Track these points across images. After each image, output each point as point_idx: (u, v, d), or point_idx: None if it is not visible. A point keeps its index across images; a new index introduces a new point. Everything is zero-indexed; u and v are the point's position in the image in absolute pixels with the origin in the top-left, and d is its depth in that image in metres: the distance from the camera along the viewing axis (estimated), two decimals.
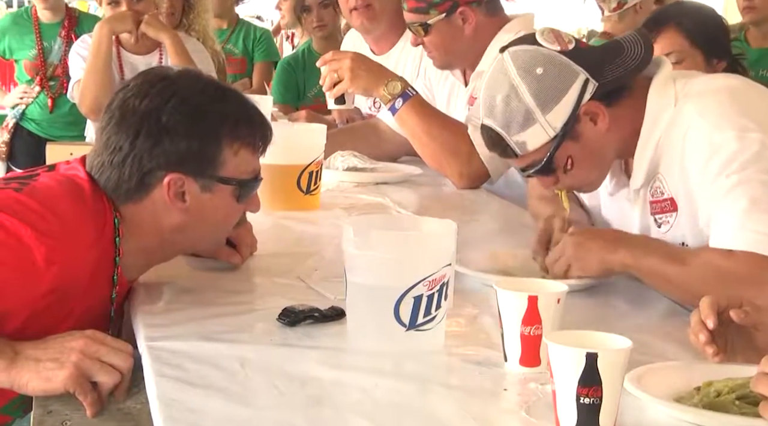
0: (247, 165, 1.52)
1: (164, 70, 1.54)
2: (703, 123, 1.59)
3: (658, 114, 1.66)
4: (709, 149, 1.57)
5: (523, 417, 1.14)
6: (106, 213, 1.44)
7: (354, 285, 1.34)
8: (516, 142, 1.65)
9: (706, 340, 1.27)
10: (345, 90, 2.43)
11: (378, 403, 1.18)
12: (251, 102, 1.57)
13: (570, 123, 1.63)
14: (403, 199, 2.29)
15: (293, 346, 1.34)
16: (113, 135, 1.46)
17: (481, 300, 1.53)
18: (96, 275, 1.43)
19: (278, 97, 4.15)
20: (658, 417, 1.15)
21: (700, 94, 1.64)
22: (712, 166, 1.56)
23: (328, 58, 2.47)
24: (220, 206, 1.51)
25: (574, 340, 1.09)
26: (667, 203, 1.67)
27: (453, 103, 2.64)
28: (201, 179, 1.47)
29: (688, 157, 1.61)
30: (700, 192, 1.59)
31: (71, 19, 4.47)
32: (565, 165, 1.66)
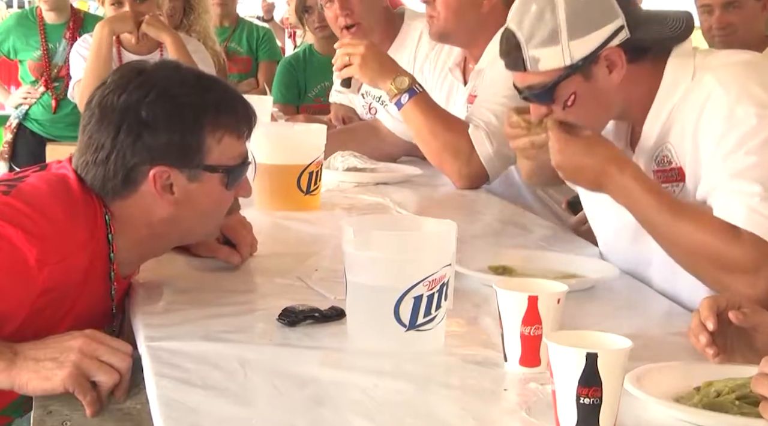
0: (232, 151, 1.50)
1: (141, 63, 1.53)
2: (725, 94, 1.58)
3: (675, 82, 1.65)
4: (728, 122, 1.56)
5: (523, 417, 1.14)
6: (96, 211, 1.44)
7: (354, 285, 1.34)
8: (531, 56, 1.64)
9: (706, 342, 1.27)
10: (352, 74, 2.44)
11: (378, 403, 1.18)
12: (231, 88, 1.56)
13: (589, 59, 1.62)
14: (403, 200, 2.29)
15: (293, 347, 1.34)
16: (94, 133, 1.45)
17: (481, 300, 1.53)
18: (91, 273, 1.43)
19: (279, 96, 4.16)
20: (658, 417, 1.15)
21: (722, 66, 1.64)
22: (729, 139, 1.54)
23: (346, 41, 2.50)
24: (210, 194, 1.50)
25: (574, 340, 1.09)
26: (675, 172, 1.65)
27: (452, 103, 2.64)
28: (187, 170, 1.46)
29: (704, 126, 1.59)
30: (709, 163, 1.57)
31: (76, 20, 4.48)
32: (566, 100, 1.64)
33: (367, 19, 2.91)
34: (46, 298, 1.36)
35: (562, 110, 1.66)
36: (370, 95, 3.18)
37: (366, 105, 3.23)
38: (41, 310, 1.37)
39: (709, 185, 1.57)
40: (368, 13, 2.91)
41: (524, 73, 1.66)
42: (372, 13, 2.92)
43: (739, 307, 1.28)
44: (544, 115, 1.68)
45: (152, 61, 1.54)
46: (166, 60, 1.61)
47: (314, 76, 4.21)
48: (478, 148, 2.37)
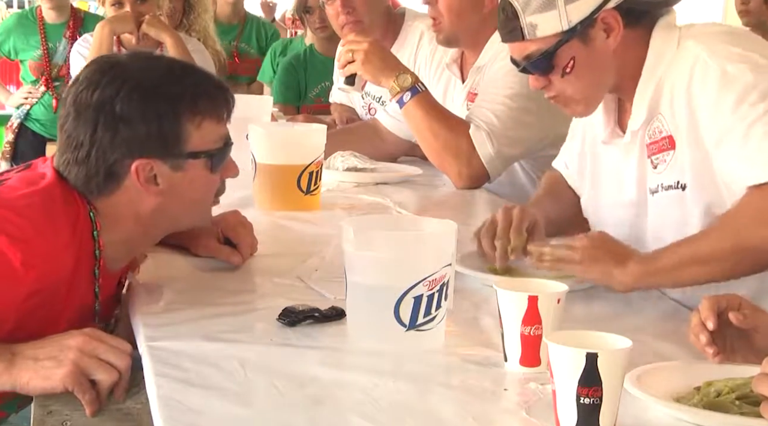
0: (213, 135, 1.49)
1: (112, 57, 1.51)
2: (712, 56, 1.60)
3: (660, 53, 1.66)
4: (722, 80, 1.57)
5: (523, 417, 1.14)
6: (78, 209, 1.43)
7: (354, 285, 1.34)
8: (528, 23, 1.64)
9: (706, 342, 1.27)
10: (355, 71, 2.44)
11: (378, 403, 1.18)
12: (205, 72, 1.55)
13: (586, 22, 1.63)
14: (403, 200, 2.29)
15: (293, 346, 1.34)
16: (72, 131, 1.45)
17: (482, 300, 1.53)
18: (79, 272, 1.43)
19: (279, 96, 4.16)
20: (659, 417, 1.15)
21: (704, 34, 1.66)
22: (729, 97, 1.55)
23: (350, 38, 2.50)
24: (195, 181, 1.48)
25: (574, 340, 1.08)
26: (665, 141, 1.66)
27: (449, 99, 2.64)
28: (169, 159, 1.45)
29: (696, 90, 1.60)
30: (712, 122, 1.57)
31: (76, 20, 4.48)
32: (565, 66, 1.64)
33: (368, 17, 2.91)
34: (35, 299, 1.36)
35: (561, 78, 1.66)
36: (370, 95, 3.18)
37: (366, 105, 3.23)
38: (32, 311, 1.36)
39: (717, 137, 1.57)
40: (369, 11, 2.91)
41: (522, 42, 1.66)
42: (373, 12, 2.92)
43: (739, 307, 1.28)
44: (545, 84, 1.69)
45: (123, 54, 1.52)
46: (138, 51, 1.60)
47: (315, 76, 4.21)
48: (479, 148, 2.37)
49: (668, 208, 1.68)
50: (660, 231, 1.71)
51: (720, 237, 1.51)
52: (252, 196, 2.18)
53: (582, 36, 1.64)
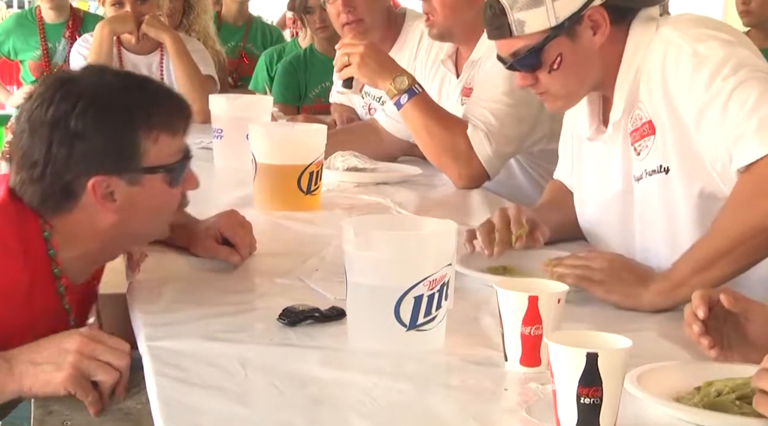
0: (170, 149, 1.46)
1: (65, 73, 1.50)
2: (684, 38, 1.62)
3: (638, 43, 1.68)
4: (694, 60, 1.59)
5: (523, 417, 1.14)
6: (31, 230, 1.41)
7: (354, 285, 1.34)
8: (516, 19, 1.65)
9: (699, 331, 1.28)
10: (351, 74, 2.44)
11: (378, 403, 1.18)
12: (162, 85, 1.54)
13: (573, 19, 1.64)
14: (404, 200, 2.29)
15: (293, 346, 1.34)
16: (27, 150, 1.41)
17: (482, 300, 1.53)
18: (37, 290, 1.41)
19: (279, 96, 4.15)
20: (659, 417, 1.15)
21: (677, 20, 1.69)
22: (702, 74, 1.58)
23: (346, 41, 2.49)
24: (154, 196, 1.46)
25: (574, 340, 1.08)
26: (645, 127, 1.67)
27: (444, 95, 2.64)
28: (126, 175, 1.43)
29: (671, 72, 1.62)
30: (689, 102, 1.59)
31: (76, 20, 4.48)
32: (552, 63, 1.66)
33: (369, 17, 2.91)
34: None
35: (548, 75, 1.67)
36: (370, 95, 3.18)
37: (365, 105, 3.23)
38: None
39: (694, 121, 1.59)
40: (371, 11, 2.91)
41: (510, 39, 1.67)
42: (374, 11, 2.92)
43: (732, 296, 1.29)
44: (532, 82, 1.70)
45: (78, 68, 1.52)
46: (91, 65, 1.57)
47: (315, 77, 4.21)
48: (477, 148, 2.37)
49: (653, 192, 1.69)
50: (647, 217, 1.72)
51: (726, 228, 1.51)
52: (252, 196, 2.18)
53: (569, 32, 1.65)
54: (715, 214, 1.56)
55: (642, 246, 1.74)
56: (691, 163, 1.62)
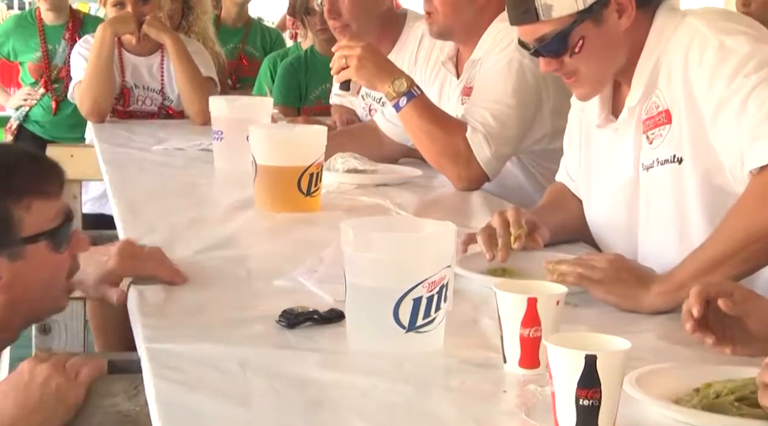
0: (47, 213, 1.39)
1: None
2: (711, 30, 1.62)
3: (661, 31, 1.68)
4: (720, 53, 1.59)
5: (522, 419, 1.14)
6: None
7: (354, 287, 1.34)
8: (543, 3, 1.64)
9: (692, 329, 1.29)
10: (349, 77, 2.43)
11: (377, 404, 1.18)
12: (22, 149, 1.48)
13: (601, 2, 1.64)
14: (403, 201, 2.29)
15: (292, 348, 1.34)
16: None
17: (481, 302, 1.53)
18: None
19: (279, 98, 4.15)
20: (658, 419, 1.15)
21: (704, 12, 1.69)
22: (725, 68, 1.57)
23: (343, 44, 2.48)
24: (41, 265, 1.39)
25: (573, 341, 1.08)
26: (662, 116, 1.67)
27: (445, 97, 2.64)
28: (5, 250, 1.36)
29: (694, 62, 1.61)
30: (709, 95, 1.59)
31: (75, 21, 4.48)
32: (574, 46, 1.65)
33: (356, 22, 2.90)
34: None
35: (571, 59, 1.67)
36: (370, 97, 3.18)
37: (366, 106, 3.23)
38: None
39: (713, 112, 1.58)
40: (357, 16, 2.90)
41: (535, 23, 1.66)
42: (362, 16, 2.91)
43: (731, 293, 1.28)
44: (557, 67, 1.69)
45: None
46: None
47: (315, 78, 4.21)
48: (476, 151, 2.37)
49: (663, 182, 1.69)
50: (653, 207, 1.71)
51: (731, 231, 1.51)
52: (252, 198, 2.18)
53: (596, 16, 1.64)
54: (723, 207, 1.56)
55: (646, 236, 1.73)
56: (705, 154, 1.62)
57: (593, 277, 1.53)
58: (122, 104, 3.71)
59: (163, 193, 2.37)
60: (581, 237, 1.93)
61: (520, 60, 2.39)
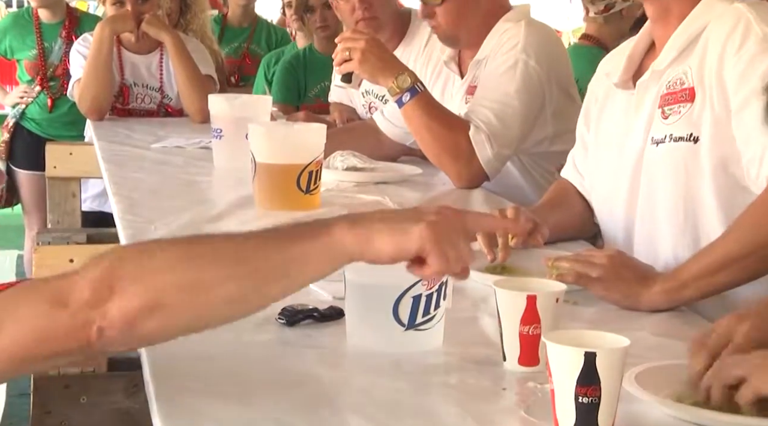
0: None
1: None
2: (758, 20, 1.59)
3: (711, 5, 1.65)
4: (761, 45, 1.57)
5: (522, 416, 1.14)
6: None
7: (353, 284, 1.34)
8: None
9: None
10: (351, 70, 2.42)
11: (377, 402, 1.18)
12: None
13: None
14: (403, 199, 2.29)
15: (292, 346, 1.34)
16: None
17: (480, 299, 1.53)
18: None
19: (278, 96, 4.15)
20: (657, 416, 1.15)
21: (757, 2, 1.66)
22: (763, 61, 1.55)
23: (347, 35, 2.47)
24: None
25: (572, 339, 1.08)
26: (685, 93, 1.65)
27: (448, 96, 2.64)
28: None
29: (732, 47, 1.59)
30: (740, 85, 1.57)
31: (72, 20, 4.48)
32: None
33: (383, 13, 2.91)
34: None
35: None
36: (371, 94, 3.17)
37: (366, 104, 3.23)
38: None
39: (740, 103, 1.57)
40: (385, 8, 2.91)
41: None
42: (388, 8, 2.92)
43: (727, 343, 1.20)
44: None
45: None
46: None
47: (314, 76, 4.21)
48: (478, 150, 2.36)
49: (674, 159, 1.66)
50: (658, 184, 1.69)
51: (741, 233, 1.49)
52: (251, 196, 2.18)
53: None
54: (734, 196, 1.55)
55: (646, 213, 1.72)
56: (724, 140, 1.60)
57: (592, 275, 1.53)
58: (121, 102, 3.71)
59: (162, 191, 2.37)
60: (581, 236, 1.93)
61: (526, 61, 2.39)
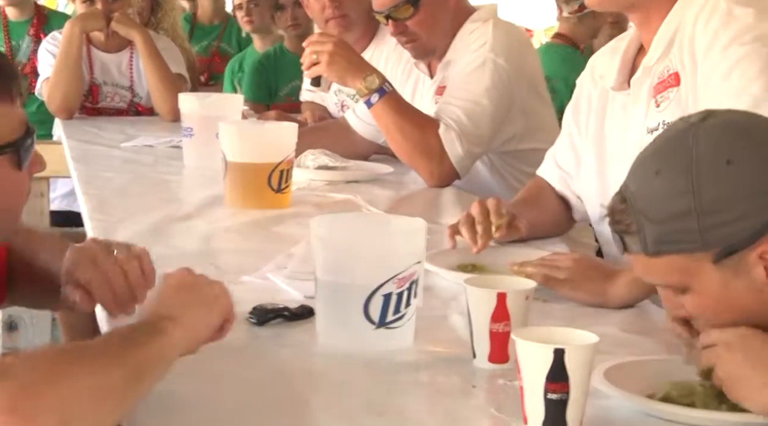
0: (11, 121, 1.18)
1: None
2: (728, 2, 1.62)
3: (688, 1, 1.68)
4: (725, 19, 1.59)
5: (492, 413, 1.15)
6: None
7: (323, 283, 1.34)
8: None
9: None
10: (320, 73, 2.42)
11: (347, 400, 1.18)
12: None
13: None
14: (374, 198, 2.29)
15: (262, 345, 1.34)
16: None
17: (451, 297, 1.54)
18: None
19: (249, 95, 4.14)
20: (626, 413, 1.15)
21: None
22: (726, 34, 1.58)
23: (313, 39, 2.47)
24: (2, 184, 1.18)
25: (541, 336, 1.09)
26: (671, 78, 1.67)
27: (418, 96, 2.64)
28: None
29: (701, 25, 1.62)
30: (706, 59, 1.59)
31: (40, 17, 4.43)
32: None
33: (354, 12, 2.90)
34: None
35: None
36: (343, 92, 3.17)
37: (338, 103, 3.22)
38: None
39: (705, 77, 1.59)
40: (356, 7, 2.90)
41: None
42: (358, 7, 2.92)
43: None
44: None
45: None
46: None
47: (285, 75, 4.19)
48: (449, 148, 2.37)
49: None
50: None
51: None
52: (222, 195, 2.17)
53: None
54: None
55: None
56: None
57: (559, 277, 1.54)
58: (91, 101, 3.68)
59: (132, 190, 2.36)
60: (555, 235, 1.94)
61: (494, 60, 2.40)
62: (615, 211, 1.19)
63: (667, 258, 1.14)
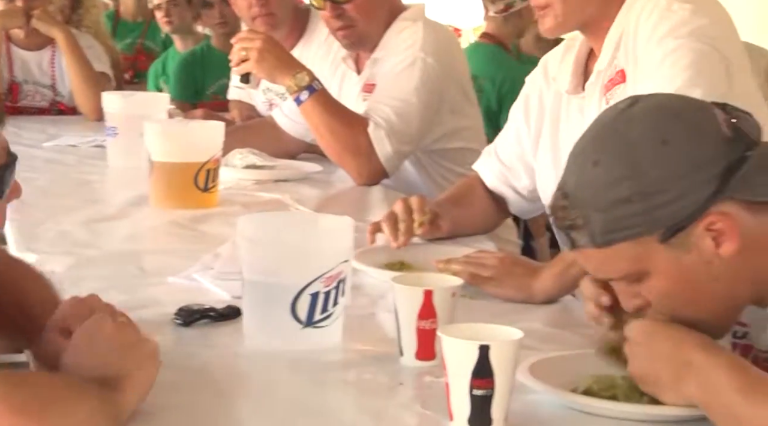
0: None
1: None
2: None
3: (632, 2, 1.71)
4: (663, 13, 1.63)
5: (418, 410, 1.15)
6: None
7: (250, 283, 1.33)
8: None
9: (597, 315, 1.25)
10: (249, 70, 2.41)
11: (275, 400, 1.18)
12: None
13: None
14: (303, 197, 2.28)
15: (189, 346, 1.33)
16: None
17: (378, 296, 1.54)
18: None
19: (175, 93, 4.09)
20: (551, 407, 1.17)
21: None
22: (662, 27, 1.62)
23: (242, 35, 2.45)
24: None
25: (467, 332, 1.10)
26: (619, 75, 1.70)
27: (344, 92, 2.64)
28: None
29: (642, 21, 1.66)
30: (644, 52, 1.63)
31: None
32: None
33: (280, 11, 2.89)
34: None
35: None
36: (271, 91, 3.15)
37: (266, 101, 3.20)
38: None
39: (644, 63, 1.62)
40: (281, 5, 2.89)
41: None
42: (285, 5, 2.90)
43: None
44: None
45: None
46: None
47: (212, 73, 4.15)
48: (378, 147, 2.38)
49: None
50: None
51: None
52: (147, 195, 2.14)
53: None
54: None
55: None
56: None
57: (484, 274, 1.56)
58: (11, 100, 3.59)
59: (54, 192, 2.31)
60: (479, 231, 1.95)
61: (424, 59, 2.42)
62: (558, 207, 1.18)
63: (616, 247, 1.14)
